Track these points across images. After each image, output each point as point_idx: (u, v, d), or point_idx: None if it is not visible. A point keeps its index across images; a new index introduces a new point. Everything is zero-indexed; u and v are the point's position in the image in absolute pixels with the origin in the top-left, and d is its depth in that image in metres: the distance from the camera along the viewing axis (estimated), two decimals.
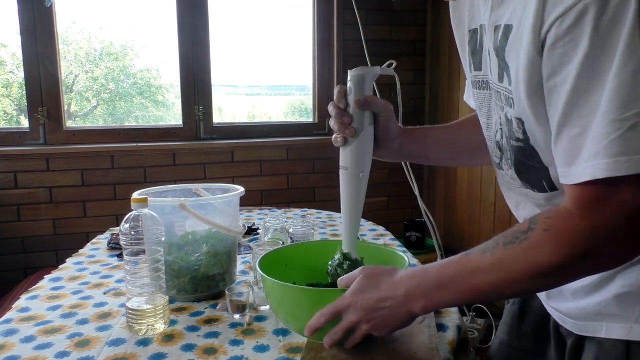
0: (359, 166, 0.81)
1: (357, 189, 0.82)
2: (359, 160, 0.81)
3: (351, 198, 0.82)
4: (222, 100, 2.86)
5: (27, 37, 2.36)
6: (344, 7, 2.71)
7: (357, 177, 0.81)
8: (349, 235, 0.84)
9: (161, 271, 0.92)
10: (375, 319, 0.69)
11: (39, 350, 0.83)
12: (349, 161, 0.81)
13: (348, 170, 0.81)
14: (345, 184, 0.82)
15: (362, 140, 0.81)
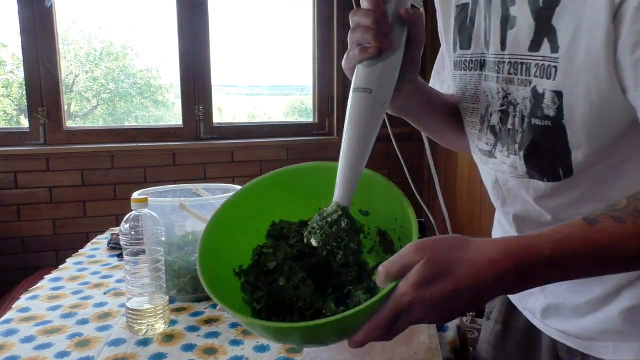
0: (385, 92, 0.61)
1: (376, 120, 0.60)
2: (389, 84, 0.61)
3: (365, 131, 0.60)
4: (222, 100, 2.86)
5: (27, 37, 2.36)
6: (344, 7, 2.71)
7: (380, 106, 0.60)
8: (349, 182, 0.60)
9: (161, 271, 0.92)
10: (444, 311, 0.51)
11: (39, 350, 0.83)
12: (375, 82, 0.60)
13: (372, 94, 0.59)
14: (361, 110, 0.60)
15: (395, 60, 0.61)
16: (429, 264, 0.49)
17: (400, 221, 0.63)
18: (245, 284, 0.67)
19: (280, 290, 0.65)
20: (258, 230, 0.70)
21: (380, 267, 0.51)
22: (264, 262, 0.67)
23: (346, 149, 0.60)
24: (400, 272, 0.50)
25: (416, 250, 0.50)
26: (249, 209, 0.69)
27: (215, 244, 0.65)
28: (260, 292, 0.66)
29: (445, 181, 2.84)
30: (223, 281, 0.64)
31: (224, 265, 0.66)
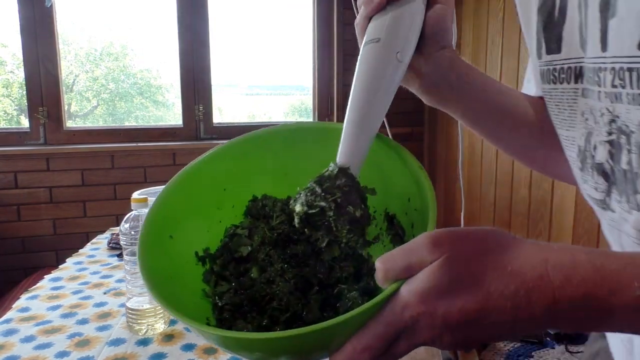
0: (399, 40, 0.49)
1: (387, 70, 0.48)
2: (402, 33, 0.50)
3: (374, 83, 0.48)
4: (222, 100, 2.86)
5: (27, 37, 2.36)
6: (344, 7, 2.71)
7: (391, 54, 0.49)
8: (355, 142, 0.46)
9: None
10: (464, 338, 0.35)
11: (39, 350, 0.83)
12: (384, 31, 0.49)
13: (380, 42, 0.49)
14: (369, 61, 0.49)
15: (410, 11, 0.50)
16: (446, 267, 0.33)
17: (415, 202, 0.47)
18: (209, 273, 0.52)
19: (252, 285, 0.50)
20: (235, 205, 0.55)
21: (378, 261, 0.36)
22: (235, 246, 0.53)
23: (350, 104, 0.48)
24: (405, 272, 0.35)
25: (431, 244, 0.34)
26: (223, 176, 0.54)
27: (174, 217, 0.50)
28: (226, 284, 0.51)
29: (445, 181, 2.84)
30: (176, 268, 0.50)
31: (181, 245, 0.51)
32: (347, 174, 0.45)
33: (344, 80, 2.79)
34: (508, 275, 0.33)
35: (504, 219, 2.32)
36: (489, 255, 0.34)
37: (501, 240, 0.35)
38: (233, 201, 0.55)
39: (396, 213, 0.52)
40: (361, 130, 0.47)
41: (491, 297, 0.33)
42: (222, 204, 0.54)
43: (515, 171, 2.21)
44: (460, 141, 0.89)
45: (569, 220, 1.91)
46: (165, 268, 0.47)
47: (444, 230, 0.36)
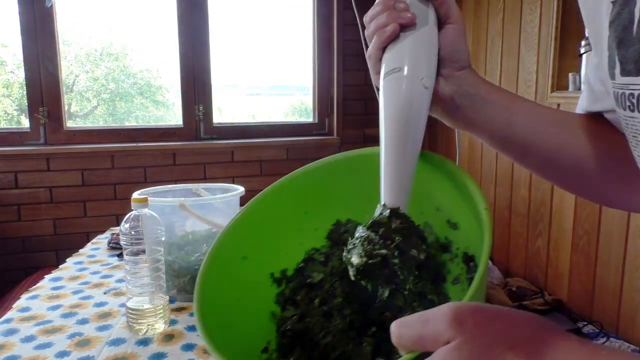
0: (421, 66, 0.48)
1: (413, 99, 0.47)
2: (422, 58, 0.48)
3: (402, 115, 0.46)
4: (222, 100, 2.86)
5: (27, 38, 2.36)
6: (344, 7, 2.71)
7: (417, 81, 0.47)
8: (393, 179, 0.44)
9: (161, 271, 0.92)
10: None
11: (40, 350, 0.84)
12: (405, 58, 0.48)
13: (402, 72, 0.47)
14: (394, 93, 0.47)
15: (425, 35, 0.50)
16: (465, 352, 0.29)
17: (481, 244, 0.40)
18: (281, 295, 0.51)
19: (312, 316, 0.49)
20: (317, 228, 0.53)
21: (393, 324, 0.32)
22: (309, 271, 0.52)
23: (384, 140, 0.46)
24: (416, 343, 0.31)
25: (452, 319, 0.30)
26: (305, 198, 0.52)
27: (250, 238, 0.49)
28: (292, 309, 0.50)
29: None
30: (244, 290, 0.48)
31: (255, 267, 0.50)
32: (400, 215, 0.42)
33: (344, 80, 2.79)
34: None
35: (504, 219, 2.32)
36: (517, 346, 0.28)
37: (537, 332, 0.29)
38: (316, 225, 0.53)
39: (475, 255, 0.46)
40: (402, 166, 0.45)
41: None
42: (304, 226, 0.53)
43: (515, 171, 2.21)
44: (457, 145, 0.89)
45: (569, 221, 1.91)
46: (230, 290, 0.46)
47: (469, 304, 0.31)
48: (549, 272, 2.05)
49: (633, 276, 1.64)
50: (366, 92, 2.82)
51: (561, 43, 1.93)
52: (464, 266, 0.48)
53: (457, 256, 0.49)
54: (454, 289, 0.48)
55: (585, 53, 1.75)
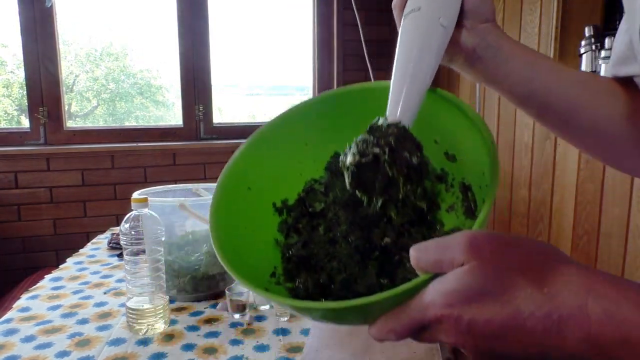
0: (440, 6, 0.49)
1: (431, 39, 0.48)
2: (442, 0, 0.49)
3: (419, 49, 0.47)
4: (222, 100, 2.86)
5: (27, 37, 2.36)
6: (344, 7, 2.71)
7: (434, 21, 0.48)
8: (405, 95, 0.45)
9: (161, 271, 0.92)
10: (490, 350, 0.33)
11: (40, 350, 0.84)
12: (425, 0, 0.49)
13: (421, 11, 0.49)
14: (412, 30, 0.49)
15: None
16: (478, 273, 0.31)
17: (487, 178, 0.44)
18: (284, 223, 0.54)
19: (317, 242, 0.52)
20: (316, 160, 0.55)
21: (412, 249, 0.35)
22: (310, 201, 0.54)
23: (395, 69, 0.47)
24: (434, 266, 0.34)
25: (468, 245, 0.32)
26: (305, 132, 0.55)
27: (254, 170, 0.51)
28: (295, 236, 0.53)
29: None
30: (250, 218, 0.50)
31: (259, 197, 0.51)
32: (399, 126, 0.43)
33: (344, 80, 2.79)
34: (544, 296, 0.30)
35: (504, 219, 2.32)
36: (527, 271, 0.31)
37: (547, 257, 0.32)
38: (314, 156, 0.55)
39: (472, 184, 0.49)
40: (411, 84, 0.45)
41: (521, 315, 0.30)
42: (304, 157, 0.55)
43: (515, 171, 2.21)
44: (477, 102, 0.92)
45: (569, 221, 1.91)
46: (238, 218, 0.48)
47: (485, 233, 0.33)
48: None
49: (633, 276, 1.64)
50: None
51: (561, 43, 1.93)
52: (460, 194, 0.51)
53: (452, 186, 0.51)
54: (448, 216, 0.51)
55: (585, 53, 1.75)
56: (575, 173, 1.85)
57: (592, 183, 1.76)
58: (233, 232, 0.47)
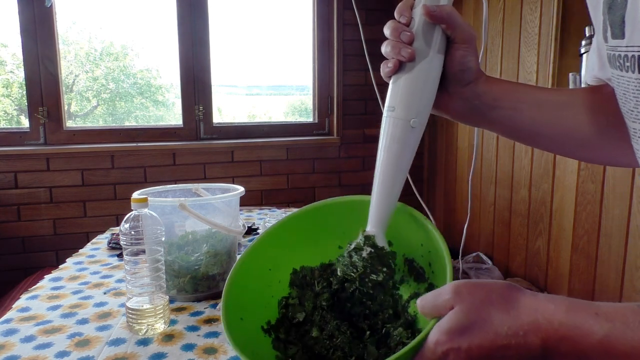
0: (411, 107, 0.55)
1: (402, 142, 0.55)
2: (414, 98, 0.55)
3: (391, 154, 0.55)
4: (222, 100, 2.86)
5: (27, 37, 2.36)
6: (344, 7, 2.71)
7: (406, 123, 0.55)
8: (379, 210, 0.57)
9: (161, 271, 0.92)
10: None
11: (39, 350, 0.83)
12: (397, 99, 0.56)
13: (395, 111, 0.55)
14: (388, 132, 0.56)
15: (423, 71, 0.55)
16: (463, 312, 0.43)
17: (427, 246, 0.59)
18: (277, 341, 0.62)
19: (315, 343, 0.60)
20: (280, 280, 0.66)
21: (418, 300, 0.48)
22: (292, 314, 0.64)
23: (375, 174, 0.57)
24: (433, 312, 0.46)
25: (454, 292, 0.44)
26: (265, 260, 0.65)
27: (239, 303, 0.60)
28: (294, 347, 0.61)
29: (445, 181, 2.84)
30: (253, 341, 0.60)
31: (251, 324, 0.61)
32: (372, 244, 0.56)
33: (344, 80, 2.79)
34: (510, 319, 0.42)
35: (504, 219, 2.32)
36: (496, 304, 0.43)
37: (507, 292, 0.44)
38: (278, 277, 0.66)
39: (414, 257, 0.62)
40: (381, 196, 0.56)
41: (499, 335, 0.42)
42: (270, 281, 0.65)
43: (515, 171, 2.21)
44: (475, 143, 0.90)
45: (569, 221, 1.91)
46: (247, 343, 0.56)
47: (464, 281, 0.46)
48: (549, 272, 2.05)
49: (633, 276, 1.64)
50: (366, 92, 2.82)
51: (561, 43, 1.93)
52: (405, 267, 0.63)
53: (395, 264, 0.60)
54: (403, 287, 0.63)
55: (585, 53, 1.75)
56: (575, 173, 1.85)
57: (592, 183, 1.76)
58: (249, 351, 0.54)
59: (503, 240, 2.34)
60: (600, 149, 0.59)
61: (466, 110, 0.60)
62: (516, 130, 0.61)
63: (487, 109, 0.59)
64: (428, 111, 0.57)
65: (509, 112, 0.59)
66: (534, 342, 0.41)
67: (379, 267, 0.56)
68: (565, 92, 0.62)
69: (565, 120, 0.59)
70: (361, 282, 0.55)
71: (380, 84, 1.83)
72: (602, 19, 0.48)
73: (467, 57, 0.56)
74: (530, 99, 0.59)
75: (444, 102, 0.59)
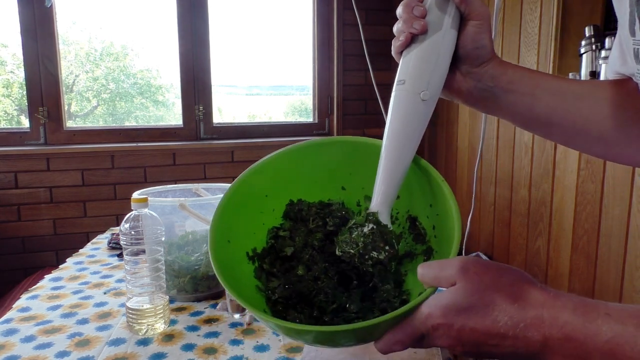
0: (422, 79, 0.53)
1: (411, 115, 0.53)
2: (425, 70, 0.53)
3: (400, 127, 0.53)
4: (222, 100, 2.86)
5: (27, 38, 2.36)
6: (344, 7, 2.71)
7: (416, 96, 0.52)
8: (384, 186, 0.53)
9: (161, 271, 0.92)
10: (476, 351, 0.43)
11: (39, 350, 0.84)
12: (409, 71, 0.53)
13: (405, 85, 0.53)
14: (396, 105, 0.54)
15: (435, 44, 0.53)
16: (465, 292, 0.41)
17: (436, 208, 0.55)
18: (259, 270, 0.60)
19: (299, 281, 0.58)
20: (275, 209, 0.63)
21: (420, 266, 0.46)
22: (280, 247, 0.61)
23: (383, 149, 0.54)
24: (433, 281, 0.44)
25: (460, 268, 0.42)
26: (264, 185, 0.62)
27: (228, 225, 0.58)
28: (276, 280, 0.59)
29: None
30: (235, 266, 0.57)
31: (236, 248, 0.59)
32: (375, 220, 0.53)
33: (344, 80, 2.79)
34: (514, 309, 0.40)
35: (504, 219, 2.32)
36: (501, 289, 0.41)
37: (517, 281, 0.42)
38: (273, 205, 0.63)
39: (418, 215, 0.59)
40: (388, 172, 0.53)
41: (497, 324, 0.40)
42: (264, 208, 0.62)
43: (516, 171, 2.21)
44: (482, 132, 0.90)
45: (569, 221, 1.91)
46: (229, 267, 0.54)
47: (473, 259, 0.43)
48: (549, 272, 2.05)
49: (633, 276, 1.64)
50: (366, 92, 2.82)
51: (561, 43, 1.93)
52: (407, 224, 0.60)
53: (397, 219, 0.60)
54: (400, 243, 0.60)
55: (585, 53, 1.75)
56: (575, 173, 1.85)
57: (592, 183, 1.76)
58: (227, 277, 0.52)
59: (503, 240, 2.34)
60: (617, 145, 0.57)
61: (479, 93, 0.57)
62: (531, 118, 0.58)
63: (502, 92, 0.56)
64: (440, 85, 0.54)
65: (525, 97, 0.56)
66: (534, 337, 0.39)
67: (380, 244, 0.52)
68: (586, 83, 0.60)
69: (584, 112, 0.56)
70: (361, 259, 0.53)
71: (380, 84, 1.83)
72: (629, 12, 0.46)
73: (481, 34, 0.54)
74: (549, 86, 0.57)
75: (456, 84, 0.57)
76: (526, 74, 0.57)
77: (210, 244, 0.55)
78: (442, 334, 0.42)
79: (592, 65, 1.72)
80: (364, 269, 0.53)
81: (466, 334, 0.41)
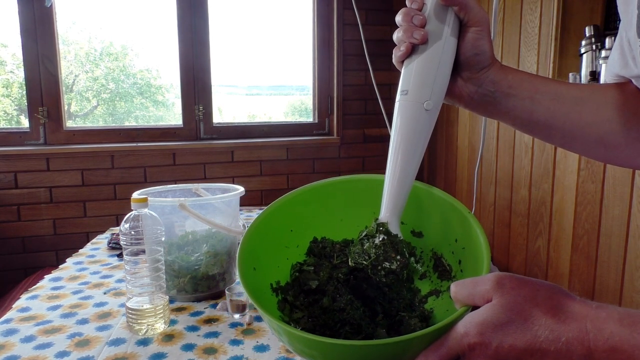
0: (425, 89, 0.53)
1: (416, 125, 0.53)
2: (428, 80, 0.54)
3: (405, 138, 0.53)
4: (222, 100, 2.86)
5: (27, 38, 2.36)
6: (344, 7, 2.71)
7: (420, 106, 0.53)
8: (393, 197, 0.54)
9: (161, 271, 0.92)
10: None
11: (39, 350, 0.83)
12: (410, 82, 0.54)
13: (408, 95, 0.54)
14: (400, 115, 0.54)
15: (436, 53, 0.54)
16: (503, 307, 0.40)
17: (462, 242, 0.56)
18: (282, 302, 0.60)
19: (323, 313, 0.58)
20: (299, 245, 0.64)
21: (452, 285, 0.45)
22: (304, 280, 0.61)
23: (389, 159, 0.54)
24: (467, 300, 0.43)
25: (496, 284, 0.41)
26: (291, 219, 0.63)
27: (254, 253, 0.58)
28: (300, 312, 0.59)
29: (445, 181, 2.84)
30: (261, 294, 0.58)
31: (261, 277, 0.59)
32: (386, 231, 0.54)
33: (344, 80, 2.79)
34: (554, 323, 0.39)
35: (504, 219, 2.32)
36: (540, 304, 0.40)
37: (556, 295, 0.41)
38: (298, 242, 0.64)
39: (443, 253, 0.59)
40: (396, 183, 0.53)
41: (537, 339, 0.38)
42: (289, 243, 0.63)
43: (515, 171, 2.21)
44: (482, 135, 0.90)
45: (569, 221, 1.91)
46: (256, 292, 0.55)
47: (507, 274, 0.42)
48: (549, 272, 2.05)
49: (633, 276, 1.64)
50: (366, 92, 2.82)
51: (561, 43, 1.93)
52: (431, 263, 0.61)
53: (421, 258, 0.61)
54: (422, 283, 0.61)
55: (585, 53, 1.75)
56: (575, 173, 1.85)
57: (592, 183, 1.76)
58: (254, 296, 0.52)
59: (503, 240, 2.34)
60: (617, 148, 0.58)
61: (479, 98, 0.58)
62: (531, 121, 0.59)
63: (502, 96, 0.57)
64: (442, 94, 0.55)
65: (525, 102, 0.57)
66: (577, 351, 0.37)
67: (392, 254, 0.53)
68: (586, 87, 0.60)
69: (583, 116, 0.57)
70: (373, 270, 0.53)
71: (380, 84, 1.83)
72: (637, 14, 0.46)
73: (480, 40, 0.55)
74: (549, 90, 0.57)
75: (457, 89, 0.58)
76: (526, 78, 0.57)
77: (240, 269, 0.55)
78: (480, 353, 0.40)
79: (592, 65, 1.72)
80: (377, 279, 0.53)
81: (504, 352, 0.39)
